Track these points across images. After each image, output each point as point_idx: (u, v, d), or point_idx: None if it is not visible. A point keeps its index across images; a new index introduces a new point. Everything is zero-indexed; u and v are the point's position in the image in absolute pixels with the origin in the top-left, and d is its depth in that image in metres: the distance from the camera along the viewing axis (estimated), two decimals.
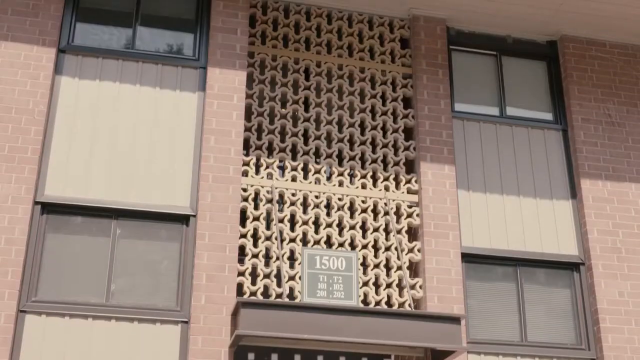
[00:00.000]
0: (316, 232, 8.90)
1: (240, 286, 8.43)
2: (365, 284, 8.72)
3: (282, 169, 9.26)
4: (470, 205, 9.45)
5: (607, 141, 9.99)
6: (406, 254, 9.02)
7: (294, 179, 9.06)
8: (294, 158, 9.28)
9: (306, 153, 9.26)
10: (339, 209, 9.06)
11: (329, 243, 8.94)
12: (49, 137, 8.62)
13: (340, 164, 9.36)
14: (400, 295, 8.85)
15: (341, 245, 8.86)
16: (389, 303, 8.74)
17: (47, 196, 8.37)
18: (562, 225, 9.61)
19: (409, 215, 9.25)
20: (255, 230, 8.76)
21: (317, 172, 9.18)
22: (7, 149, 8.35)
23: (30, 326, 7.88)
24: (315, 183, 9.12)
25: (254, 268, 8.60)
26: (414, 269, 9.15)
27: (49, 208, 8.38)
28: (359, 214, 9.06)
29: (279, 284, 8.51)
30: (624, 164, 9.92)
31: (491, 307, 9.15)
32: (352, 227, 8.99)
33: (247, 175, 8.92)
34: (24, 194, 8.22)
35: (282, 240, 8.70)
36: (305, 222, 8.88)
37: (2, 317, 7.74)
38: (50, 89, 8.74)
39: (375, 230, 9.06)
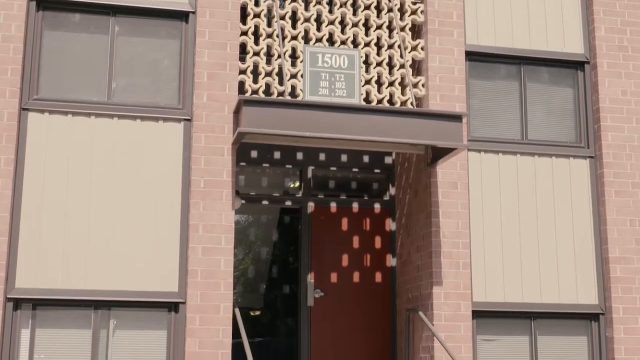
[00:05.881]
0: (318, 29, 8.74)
1: (241, 84, 8.39)
2: (368, 82, 8.67)
3: None
4: (476, 1, 9.22)
5: None
6: (409, 52, 8.91)
7: None
8: None
9: None
10: (341, 6, 8.84)
11: (331, 41, 8.80)
12: None
13: None
14: (403, 93, 8.83)
15: (343, 43, 8.72)
16: (391, 101, 8.73)
17: None
18: (569, 23, 9.42)
19: (413, 12, 9.04)
20: (256, 27, 8.60)
21: None
22: None
23: (33, 124, 7.93)
24: None
25: (256, 66, 8.53)
26: (417, 67, 9.07)
27: (44, 4, 8.18)
28: (362, 11, 8.85)
29: (280, 82, 8.47)
30: None
31: (493, 106, 9.16)
32: (355, 25, 8.81)
33: None
34: None
35: (283, 38, 8.56)
36: (307, 19, 8.70)
37: (5, 115, 7.78)
38: None
39: (379, 27, 8.89)
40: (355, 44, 8.82)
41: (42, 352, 7.65)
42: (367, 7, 8.90)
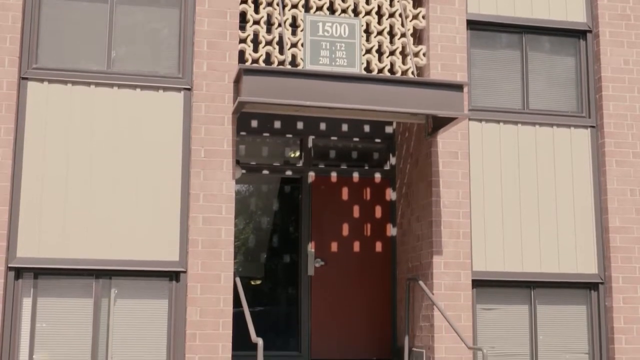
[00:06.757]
0: None
1: (242, 53, 8.35)
2: (369, 51, 8.62)
3: None
4: None
5: None
6: (410, 21, 8.85)
7: None
8: None
9: None
10: None
11: (331, 9, 8.74)
12: None
13: None
14: (404, 62, 8.79)
15: (344, 11, 8.66)
16: (391, 70, 8.69)
17: None
18: None
19: None
20: None
21: None
22: None
23: (33, 93, 7.90)
24: None
25: (256, 35, 8.47)
26: (418, 36, 9.02)
27: None
28: None
29: (281, 51, 8.42)
30: None
31: (494, 75, 9.12)
32: None
33: None
34: None
35: (284, 6, 8.49)
36: None
37: (5, 85, 7.75)
38: None
39: None
40: (356, 12, 8.76)
41: (43, 321, 7.69)
42: None
